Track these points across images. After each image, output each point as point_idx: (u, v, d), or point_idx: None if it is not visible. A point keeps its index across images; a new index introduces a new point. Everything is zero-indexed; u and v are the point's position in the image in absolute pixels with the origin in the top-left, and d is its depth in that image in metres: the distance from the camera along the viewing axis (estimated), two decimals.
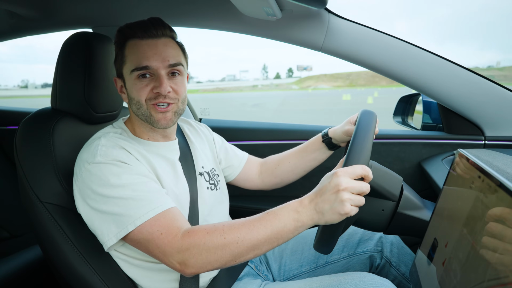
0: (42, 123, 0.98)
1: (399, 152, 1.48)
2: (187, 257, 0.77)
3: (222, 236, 0.76)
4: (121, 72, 0.96)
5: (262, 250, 0.77)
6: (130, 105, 0.96)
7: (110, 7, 1.42)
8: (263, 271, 1.13)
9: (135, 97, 0.92)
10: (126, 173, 0.84)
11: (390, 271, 1.12)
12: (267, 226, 0.76)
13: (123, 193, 0.82)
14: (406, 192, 0.90)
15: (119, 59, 0.95)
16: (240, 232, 0.76)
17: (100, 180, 0.83)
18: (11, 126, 1.99)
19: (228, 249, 0.76)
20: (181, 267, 0.78)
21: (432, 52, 1.29)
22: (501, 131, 1.31)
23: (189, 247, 0.77)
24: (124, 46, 0.94)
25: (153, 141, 0.99)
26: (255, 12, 1.18)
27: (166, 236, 0.80)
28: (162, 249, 0.79)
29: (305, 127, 1.64)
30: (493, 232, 0.53)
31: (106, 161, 0.85)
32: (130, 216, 0.81)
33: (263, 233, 0.75)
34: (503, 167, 0.71)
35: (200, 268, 0.78)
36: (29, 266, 1.43)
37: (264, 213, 0.78)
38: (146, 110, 0.93)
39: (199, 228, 0.79)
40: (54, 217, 0.91)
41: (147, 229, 0.80)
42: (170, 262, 0.79)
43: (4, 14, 1.49)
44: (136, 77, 0.91)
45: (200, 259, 0.77)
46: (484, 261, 0.53)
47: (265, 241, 0.76)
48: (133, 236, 0.81)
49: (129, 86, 0.94)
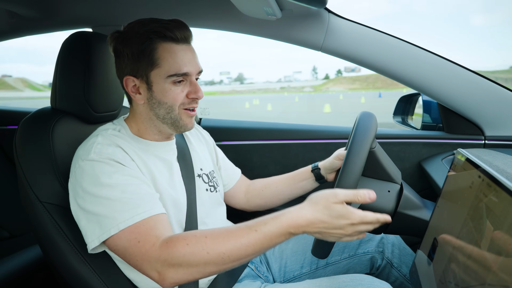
0: (42, 123, 0.98)
1: (399, 152, 1.48)
2: (166, 267, 0.74)
3: (205, 251, 0.73)
4: (146, 74, 0.89)
5: (248, 259, 0.75)
6: (157, 108, 0.92)
7: (110, 7, 1.42)
8: (264, 272, 1.13)
9: (168, 101, 0.90)
10: (118, 173, 0.83)
11: (391, 272, 1.12)
12: (256, 240, 0.72)
13: (111, 193, 0.80)
14: (406, 192, 0.90)
15: (145, 60, 0.88)
16: (225, 246, 0.72)
17: (91, 178, 0.82)
18: (11, 126, 1.99)
19: (212, 263, 0.73)
20: (160, 277, 0.75)
21: (432, 52, 1.29)
22: (501, 131, 1.31)
23: (167, 259, 0.74)
24: (154, 47, 0.88)
25: (153, 141, 0.98)
26: (255, 11, 1.18)
27: (143, 245, 0.77)
28: (140, 258, 0.77)
29: (305, 127, 1.64)
30: (497, 237, 0.53)
31: (99, 159, 0.84)
32: (114, 218, 0.79)
33: (251, 248, 0.72)
34: (503, 167, 0.71)
35: (180, 280, 0.75)
36: (29, 266, 1.43)
37: (254, 223, 0.74)
38: (177, 115, 0.92)
39: (177, 238, 0.76)
40: (53, 217, 0.91)
41: (126, 235, 0.78)
42: (148, 271, 0.77)
43: (4, 14, 1.49)
44: (172, 83, 0.89)
45: (180, 272, 0.74)
46: (485, 262, 0.53)
47: (251, 254, 0.73)
48: (112, 242, 0.79)
49: (159, 90, 0.90)
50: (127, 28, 0.91)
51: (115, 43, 0.92)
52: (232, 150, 1.64)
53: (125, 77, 0.92)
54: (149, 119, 0.95)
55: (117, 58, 0.93)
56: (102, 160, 0.84)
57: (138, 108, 0.95)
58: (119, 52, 0.91)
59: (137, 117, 0.97)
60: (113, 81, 1.05)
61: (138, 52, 0.88)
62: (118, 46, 0.91)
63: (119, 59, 0.92)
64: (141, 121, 0.96)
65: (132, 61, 0.90)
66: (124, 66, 0.91)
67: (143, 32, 0.88)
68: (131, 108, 0.99)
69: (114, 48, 0.92)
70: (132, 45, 0.89)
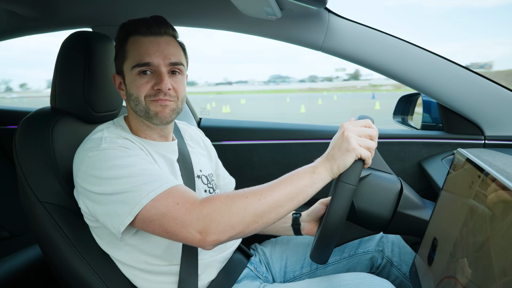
0: (42, 123, 0.98)
1: (399, 151, 1.48)
2: (208, 222, 0.75)
3: (244, 196, 0.76)
4: (121, 68, 0.95)
5: (284, 208, 0.77)
6: (129, 101, 0.95)
7: (110, 7, 1.42)
8: (263, 273, 1.13)
9: (134, 93, 0.92)
10: (132, 156, 0.84)
11: (391, 271, 1.12)
12: (286, 183, 0.78)
13: (132, 171, 0.81)
14: (406, 192, 0.90)
15: (120, 55, 0.95)
16: (261, 191, 0.77)
17: (106, 163, 0.82)
18: (11, 126, 1.99)
19: (250, 208, 0.75)
20: (202, 236, 0.75)
21: (432, 52, 1.29)
22: (501, 131, 1.31)
23: (210, 212, 0.75)
24: (126, 42, 0.94)
25: (151, 139, 0.99)
26: (255, 11, 1.18)
27: (183, 205, 0.77)
28: (180, 220, 0.76)
29: (305, 126, 1.64)
30: (497, 237, 0.53)
31: (111, 147, 0.85)
32: (143, 190, 0.78)
33: (283, 190, 0.77)
34: (503, 167, 0.71)
35: (222, 234, 0.75)
36: (29, 265, 1.43)
37: (281, 177, 0.80)
38: (144, 106, 0.92)
39: (218, 194, 0.79)
40: (53, 217, 0.91)
41: (161, 202, 0.77)
42: (189, 233, 0.76)
43: (4, 14, 1.49)
44: (137, 74, 0.91)
45: (222, 223, 0.74)
46: (485, 261, 0.53)
47: (286, 197, 0.77)
48: (145, 213, 0.78)
49: (128, 82, 0.93)
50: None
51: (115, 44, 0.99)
52: (232, 150, 1.64)
53: (113, 74, 0.99)
54: (135, 115, 0.97)
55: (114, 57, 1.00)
56: (115, 148, 0.85)
57: (128, 105, 0.98)
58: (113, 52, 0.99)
59: (129, 115, 1.00)
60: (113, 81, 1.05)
61: (116, 49, 0.97)
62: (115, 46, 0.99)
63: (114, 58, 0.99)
64: (131, 118, 0.99)
65: (115, 59, 0.98)
66: (114, 65, 0.99)
67: (121, 30, 0.95)
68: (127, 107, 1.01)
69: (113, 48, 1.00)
70: (116, 44, 0.97)
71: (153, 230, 0.80)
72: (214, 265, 1.00)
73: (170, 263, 0.93)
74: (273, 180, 0.80)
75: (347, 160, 0.77)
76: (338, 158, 0.78)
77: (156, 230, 0.79)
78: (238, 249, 1.12)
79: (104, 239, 0.93)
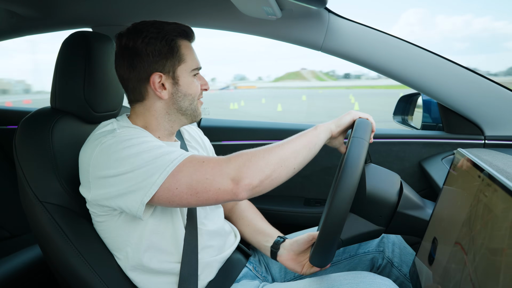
0: (42, 123, 0.98)
1: (399, 151, 1.48)
2: (238, 168, 0.80)
3: (264, 148, 0.85)
4: (173, 69, 0.94)
5: (300, 154, 0.87)
6: (182, 101, 0.96)
7: (110, 7, 1.42)
8: (262, 273, 1.13)
9: (192, 93, 0.97)
10: (148, 137, 0.89)
11: (392, 271, 1.12)
12: (295, 138, 0.89)
13: (154, 144, 0.86)
14: (406, 192, 0.90)
15: (173, 57, 0.93)
16: (278, 144, 0.87)
17: (123, 144, 0.83)
18: (11, 126, 1.99)
19: (273, 153, 0.83)
20: (235, 183, 0.80)
21: (432, 52, 1.29)
22: (501, 131, 1.31)
23: (237, 159, 0.82)
24: (178, 44, 0.94)
25: (161, 139, 0.99)
26: (255, 11, 1.18)
27: (209, 162, 0.82)
28: (210, 174, 0.80)
29: (305, 126, 1.64)
30: (497, 237, 0.53)
31: (125, 132, 0.88)
32: (165, 160, 0.81)
33: (295, 141, 0.88)
34: (503, 167, 0.71)
35: (253, 177, 0.80)
36: (29, 265, 1.43)
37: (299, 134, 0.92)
38: (195, 105, 1.00)
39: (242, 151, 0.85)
40: (53, 217, 0.91)
41: (187, 165, 0.81)
42: (221, 184, 0.80)
43: (4, 14, 1.49)
44: (194, 76, 0.98)
45: (251, 166, 0.80)
46: (485, 261, 0.53)
47: (299, 146, 0.87)
48: (171, 180, 0.80)
49: (186, 83, 0.96)
50: (142, 27, 0.92)
51: (133, 42, 0.91)
52: (232, 150, 1.63)
53: (153, 74, 0.93)
54: (165, 113, 0.97)
55: (134, 57, 0.92)
56: (129, 132, 0.89)
57: (155, 104, 0.96)
58: (140, 51, 0.91)
59: (147, 114, 0.97)
60: (113, 81, 1.05)
61: (165, 49, 0.93)
62: (138, 44, 0.91)
63: (138, 57, 0.92)
64: (155, 117, 0.97)
65: (159, 59, 0.93)
66: (148, 65, 0.92)
67: (167, 30, 0.93)
68: (141, 106, 0.97)
69: (133, 46, 0.91)
70: (156, 43, 0.92)
71: (180, 198, 0.82)
72: (214, 265, 1.00)
73: (173, 259, 0.93)
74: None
75: (344, 118, 0.96)
76: (338, 118, 0.96)
77: (183, 196, 0.82)
78: (238, 248, 1.12)
79: (108, 234, 0.93)
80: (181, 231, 0.95)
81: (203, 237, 0.99)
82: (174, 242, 0.93)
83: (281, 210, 1.57)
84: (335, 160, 1.53)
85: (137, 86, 0.94)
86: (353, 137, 0.82)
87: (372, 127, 0.93)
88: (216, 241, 1.03)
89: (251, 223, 1.19)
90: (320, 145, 0.92)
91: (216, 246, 1.03)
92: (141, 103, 0.97)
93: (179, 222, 0.95)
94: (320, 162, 1.52)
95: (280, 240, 1.10)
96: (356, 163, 0.75)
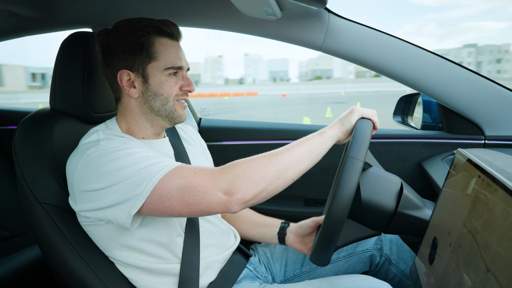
0: (41, 123, 0.97)
1: (399, 151, 1.48)
2: (231, 181, 0.76)
3: (262, 156, 0.81)
4: (142, 67, 0.91)
5: (300, 165, 0.82)
6: (152, 100, 0.93)
7: (110, 7, 1.42)
8: (262, 273, 1.13)
9: (164, 92, 0.93)
10: (134, 147, 0.85)
11: (390, 268, 1.12)
12: (299, 144, 0.85)
13: (139, 155, 0.81)
14: (406, 192, 0.90)
15: (143, 54, 0.90)
16: (277, 152, 0.82)
17: (110, 156, 0.81)
18: (11, 126, 1.99)
19: (270, 164, 0.79)
20: (227, 197, 0.76)
21: (432, 52, 1.28)
22: (501, 131, 1.31)
23: (231, 171, 0.77)
24: (152, 41, 0.91)
25: (146, 139, 0.98)
26: (255, 11, 1.18)
27: (201, 173, 0.78)
28: (202, 186, 0.76)
29: (305, 127, 1.64)
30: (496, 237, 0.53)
31: (110, 143, 0.85)
32: (158, 164, 0.79)
33: (297, 149, 0.84)
34: (503, 167, 0.70)
35: (246, 191, 0.76)
36: (29, 266, 1.43)
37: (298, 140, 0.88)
38: (171, 106, 0.95)
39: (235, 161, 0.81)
40: (52, 218, 0.91)
41: (178, 175, 0.77)
42: (213, 197, 0.76)
43: (4, 14, 1.49)
44: (168, 75, 0.93)
45: (245, 180, 0.76)
46: (485, 261, 0.53)
47: (301, 155, 0.83)
48: (161, 191, 0.76)
49: (156, 82, 0.92)
50: (119, 24, 0.92)
51: (107, 39, 0.92)
52: (232, 150, 1.64)
53: (120, 71, 0.92)
54: (141, 113, 0.96)
55: (108, 54, 0.93)
56: (114, 143, 0.85)
57: (130, 103, 0.95)
58: (112, 47, 0.92)
59: (127, 114, 0.97)
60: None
61: (135, 46, 0.90)
62: (111, 41, 0.91)
63: (111, 54, 0.92)
64: (132, 117, 0.96)
65: (128, 55, 0.91)
66: (118, 61, 0.92)
67: (139, 27, 0.90)
68: (121, 106, 0.97)
69: (106, 43, 0.92)
70: (127, 39, 0.90)
71: (171, 210, 0.78)
72: (214, 266, 1.00)
73: (169, 262, 0.93)
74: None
75: (348, 120, 0.89)
76: (343, 119, 0.90)
77: (174, 207, 0.78)
78: (238, 249, 1.12)
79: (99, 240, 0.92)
80: (176, 238, 0.93)
81: (202, 236, 0.99)
82: (168, 249, 0.92)
83: (281, 210, 1.57)
84: (335, 160, 1.53)
85: (113, 84, 0.96)
86: (347, 156, 0.78)
87: (375, 125, 0.91)
88: (215, 240, 1.03)
89: (247, 219, 1.20)
90: (324, 153, 0.87)
91: (215, 245, 1.03)
92: (120, 102, 0.98)
93: (174, 229, 0.93)
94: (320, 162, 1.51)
95: (286, 225, 1.14)
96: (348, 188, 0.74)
